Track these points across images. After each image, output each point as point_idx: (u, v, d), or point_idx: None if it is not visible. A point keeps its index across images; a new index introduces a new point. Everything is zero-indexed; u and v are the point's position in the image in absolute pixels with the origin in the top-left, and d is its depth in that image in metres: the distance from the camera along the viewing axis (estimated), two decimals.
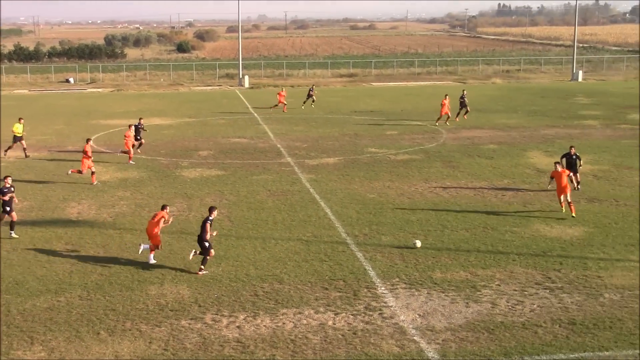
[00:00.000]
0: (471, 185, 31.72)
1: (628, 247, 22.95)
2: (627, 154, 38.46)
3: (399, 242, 23.68)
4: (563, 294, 19.12)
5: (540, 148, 40.31)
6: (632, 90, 71.29)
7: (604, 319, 17.52)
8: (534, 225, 25.45)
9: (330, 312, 18.03)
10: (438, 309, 18.17)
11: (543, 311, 18.00)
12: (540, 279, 20.25)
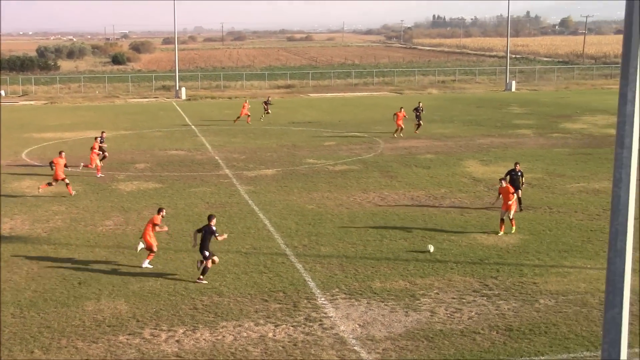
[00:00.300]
0: (409, 194, 32.00)
1: (562, 254, 23.41)
2: (559, 162, 39.31)
3: (338, 252, 23.73)
4: (500, 301, 19.39)
5: (476, 157, 40.93)
6: (563, 100, 73.01)
7: (540, 324, 17.83)
8: (471, 234, 25.78)
9: (270, 324, 17.95)
10: (378, 319, 18.24)
11: (481, 318, 18.23)
12: (478, 287, 20.51)
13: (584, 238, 25.19)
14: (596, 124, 54.38)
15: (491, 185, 33.53)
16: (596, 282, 20.61)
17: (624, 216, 7.96)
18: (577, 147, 43.99)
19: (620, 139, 7.90)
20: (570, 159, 40.19)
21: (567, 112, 61.93)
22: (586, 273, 21.57)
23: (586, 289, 20.23)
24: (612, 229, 8.08)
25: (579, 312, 18.58)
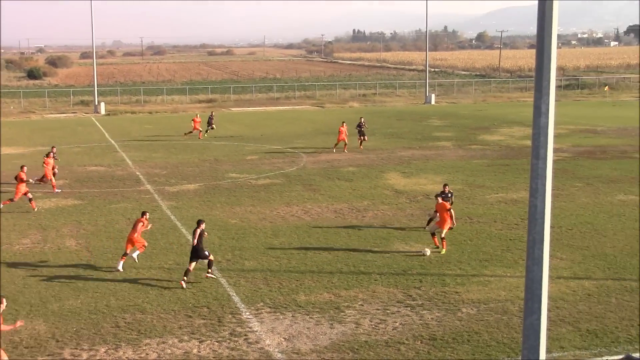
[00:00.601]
0: (332, 207, 32.16)
1: (482, 263, 23.87)
2: (478, 173, 40.11)
3: (262, 266, 23.66)
4: (424, 311, 19.64)
5: (398, 169, 41.43)
6: (481, 113, 74.61)
7: (462, 332, 18.12)
8: (394, 245, 26.06)
9: (194, 340, 17.76)
10: (303, 332, 18.25)
11: (405, 328, 18.42)
12: (402, 297, 20.72)
13: (503, 247, 25.74)
14: (513, 136, 55.74)
15: (413, 197, 34.00)
16: (516, 289, 21.07)
17: (540, 225, 8.18)
18: (495, 159, 44.98)
19: (535, 150, 8.13)
20: (489, 170, 41.06)
21: (485, 124, 63.30)
22: (506, 281, 22.03)
23: (506, 297, 20.66)
24: (530, 237, 8.30)
25: (500, 320, 18.96)
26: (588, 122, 63.65)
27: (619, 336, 17.85)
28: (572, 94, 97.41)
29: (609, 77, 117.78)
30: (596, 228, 28.20)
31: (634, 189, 35.26)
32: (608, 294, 20.88)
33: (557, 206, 30.87)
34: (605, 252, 24.93)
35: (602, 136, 55.23)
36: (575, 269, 23.18)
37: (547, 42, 7.98)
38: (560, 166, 40.79)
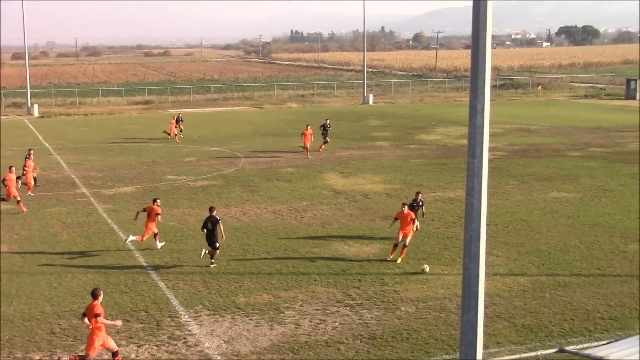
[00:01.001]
0: (271, 208, 32.09)
1: (421, 261, 24.06)
2: (416, 172, 40.48)
3: (201, 268, 23.47)
4: (363, 310, 19.72)
5: (336, 169, 41.56)
6: (418, 112, 75.36)
7: (402, 331, 18.26)
8: (333, 245, 26.12)
9: (132, 345, 17.51)
10: (243, 334, 18.15)
11: (345, 328, 18.47)
12: (341, 297, 20.78)
13: (441, 245, 26.03)
14: (450, 135, 56.43)
15: (351, 197, 34.14)
16: (453, 287, 21.32)
17: (477, 223, 8.28)
18: (432, 158, 45.47)
19: (471, 149, 8.22)
20: (427, 169, 41.47)
21: (422, 124, 63.95)
22: (444, 279, 22.28)
23: (444, 295, 20.89)
24: (466, 235, 8.39)
25: (438, 317, 19.16)
26: (522, 121, 64.82)
27: (552, 330, 18.22)
28: (506, 94, 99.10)
29: (541, 77, 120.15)
30: (531, 225, 28.72)
31: (566, 186, 36.02)
32: (542, 289, 21.29)
33: (493, 204, 31.36)
34: (540, 249, 25.41)
35: (535, 135, 56.29)
36: (510, 266, 23.57)
37: (482, 42, 8.08)
38: (496, 165, 41.44)
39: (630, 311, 19.54)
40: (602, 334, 17.75)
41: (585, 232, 27.42)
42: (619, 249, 25.39)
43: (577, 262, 23.89)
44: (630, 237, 26.80)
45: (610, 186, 35.81)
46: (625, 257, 24.37)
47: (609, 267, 23.37)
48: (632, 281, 21.97)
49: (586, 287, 21.51)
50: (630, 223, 28.85)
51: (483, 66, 8.10)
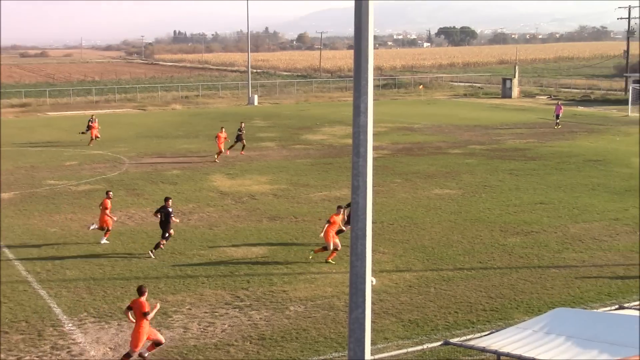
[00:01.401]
0: None
1: (309, 261, 24.20)
2: (302, 172, 40.70)
3: (85, 275, 22.86)
4: (252, 311, 19.68)
5: (222, 171, 41.29)
6: (303, 112, 75.80)
7: (291, 330, 18.32)
8: (220, 247, 25.94)
9: (12, 358, 16.87)
10: (129, 340, 17.77)
11: (234, 330, 18.38)
12: (230, 299, 20.67)
13: None
14: (335, 135, 57.01)
15: (238, 198, 34.00)
16: (341, 285, 21.55)
17: (362, 221, 8.39)
18: (318, 158, 45.82)
19: (356, 149, 8.32)
20: (313, 169, 41.76)
21: (307, 124, 64.36)
22: (332, 277, 22.49)
23: (333, 293, 21.09)
24: (353, 234, 8.48)
25: (327, 316, 19.33)
26: (405, 120, 66.18)
27: (438, 324, 18.68)
28: (389, 93, 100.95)
29: (423, 77, 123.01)
30: (415, 222, 29.36)
31: (448, 183, 37.01)
32: (427, 284, 21.80)
33: (378, 202, 31.88)
34: (424, 245, 26.01)
35: (418, 133, 57.57)
36: (396, 262, 24.03)
37: (364, 43, 8.19)
38: (381, 163, 42.14)
39: (509, 302, 20.26)
40: (484, 325, 18.33)
41: (467, 227, 28.24)
42: (498, 242, 26.28)
43: (460, 257, 24.58)
44: (509, 231, 27.79)
45: (489, 182, 37.02)
46: (504, 250, 25.25)
47: (489, 260, 24.16)
48: (511, 273, 22.79)
49: (469, 280, 22.17)
50: (509, 217, 29.91)
51: (366, 66, 8.21)
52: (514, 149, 48.55)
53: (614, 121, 65.55)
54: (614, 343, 11.55)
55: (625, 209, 31.16)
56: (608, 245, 25.69)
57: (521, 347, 12.50)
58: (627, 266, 23.43)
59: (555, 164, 42.25)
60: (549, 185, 36.12)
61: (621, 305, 16.82)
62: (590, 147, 48.61)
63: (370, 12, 8.20)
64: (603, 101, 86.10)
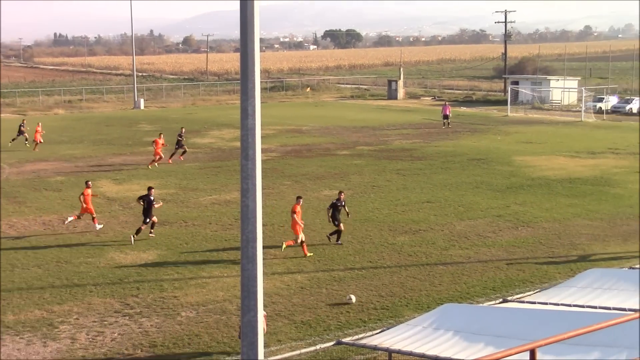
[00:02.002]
0: (40, 220, 30.60)
1: (199, 265, 24.00)
2: (191, 176, 40.28)
3: None
4: (142, 319, 19.33)
5: (109, 176, 40.38)
6: (191, 116, 75.04)
7: (183, 336, 18.10)
8: (108, 254, 25.37)
9: None
10: (13, 354, 17.16)
11: (124, 338, 18.01)
12: (119, 307, 20.24)
13: (219, 248, 26.10)
14: (223, 138, 56.70)
15: (126, 203, 33.34)
16: (233, 289, 21.44)
17: (253, 224, 8.36)
18: (207, 161, 45.45)
19: (244, 151, 8.28)
20: (202, 172, 41.39)
21: (195, 128, 63.68)
22: (224, 281, 22.36)
23: (224, 297, 20.96)
24: (244, 237, 8.44)
25: (219, 320, 19.20)
26: (293, 122, 66.48)
27: (330, 324, 18.85)
28: (277, 96, 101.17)
29: (310, 79, 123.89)
30: (306, 223, 29.45)
31: (338, 184, 37.39)
32: (319, 285, 21.97)
33: (269, 204, 31.89)
34: (315, 245, 26.18)
35: (307, 135, 57.94)
36: (288, 264, 24.10)
37: (250, 45, 8.17)
38: (270, 165, 42.19)
39: (399, 299, 20.65)
40: (375, 324, 18.61)
41: (357, 227, 28.61)
42: (388, 241, 26.75)
43: (350, 257, 24.88)
44: (398, 230, 28.33)
45: (377, 182, 37.64)
46: (394, 249, 25.72)
47: (379, 260, 24.56)
48: (400, 271, 23.24)
49: (360, 280, 22.46)
50: (397, 216, 30.49)
51: (252, 69, 8.19)
52: (401, 149, 49.54)
53: (495, 121, 67.83)
54: (500, 335, 11.95)
55: (507, 205, 32.29)
56: (492, 241, 26.56)
57: (412, 344, 12.76)
58: (510, 261, 24.30)
59: (440, 163, 43.35)
60: (435, 184, 37.03)
61: (505, 299, 17.42)
62: (474, 147, 50.12)
63: (255, 15, 8.18)
64: (484, 102, 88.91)
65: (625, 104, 75.59)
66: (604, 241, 26.55)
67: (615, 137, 54.90)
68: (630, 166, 41.66)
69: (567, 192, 34.87)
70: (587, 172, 39.68)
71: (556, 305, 14.15)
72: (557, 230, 28.13)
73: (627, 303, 13.28)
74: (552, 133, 57.98)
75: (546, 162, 43.29)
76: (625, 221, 29.38)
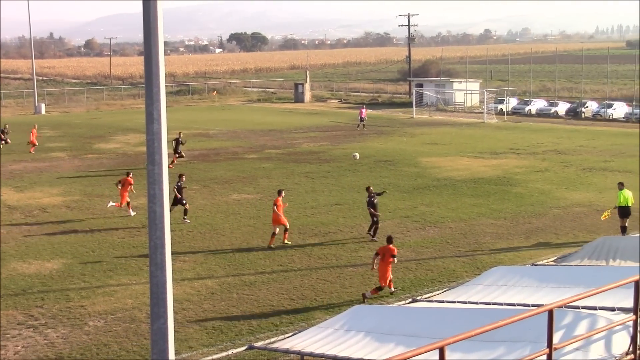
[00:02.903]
0: None
1: (107, 273, 23.51)
2: (96, 182, 39.44)
3: None
4: (48, 330, 18.80)
5: (9, 184, 39.11)
6: (95, 121, 73.53)
7: (91, 347, 17.69)
8: (10, 264, 24.57)
9: None
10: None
11: (28, 351, 17.48)
12: (23, 319, 19.62)
13: (126, 255, 25.62)
14: (129, 143, 55.73)
15: (28, 212, 32.37)
16: (142, 296, 21.08)
17: (160, 230, 8.24)
18: (112, 167, 44.56)
19: (150, 157, 8.15)
20: (107, 179, 40.47)
21: (100, 133, 62.45)
22: (132, 289, 21.96)
23: (133, 305, 20.59)
24: (152, 243, 8.31)
25: (129, 328, 18.85)
26: (200, 126, 65.91)
27: (242, 329, 18.76)
28: (183, 100, 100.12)
29: (216, 83, 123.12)
30: (215, 228, 29.31)
31: (246, 188, 37.28)
32: (230, 290, 21.83)
33: (177, 209, 31.49)
34: (225, 250, 26.03)
35: (214, 139, 57.53)
36: (198, 270, 23.86)
37: (154, 49, 8.05)
38: (177, 170, 41.64)
39: (311, 302, 20.71)
40: (287, 327, 18.61)
41: (266, 231, 28.52)
42: (297, 244, 26.80)
43: (260, 261, 24.82)
44: (308, 233, 28.41)
45: (286, 185, 37.62)
46: (304, 252, 25.79)
47: (290, 263, 24.58)
48: (311, 274, 23.31)
49: (270, 283, 22.43)
50: (306, 219, 30.59)
51: (157, 72, 8.08)
52: (309, 152, 49.74)
53: (400, 123, 68.86)
54: (410, 334, 12.11)
55: (414, 206, 32.83)
56: (400, 242, 26.90)
57: (323, 346, 12.81)
58: (418, 261, 24.69)
59: (348, 165, 43.72)
60: (343, 187, 37.32)
61: (414, 299, 17.68)
62: (380, 149, 50.76)
63: (159, 17, 8.07)
64: (390, 104, 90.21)
65: (524, 106, 77.99)
66: (508, 239, 27.29)
67: (516, 137, 56.55)
68: (531, 166, 42.99)
69: (471, 192, 35.70)
70: (491, 172, 40.72)
71: (464, 303, 14.44)
72: (463, 229, 28.75)
73: (530, 299, 13.66)
74: (456, 134, 59.28)
75: (451, 163, 44.22)
76: (527, 219, 30.28)
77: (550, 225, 29.28)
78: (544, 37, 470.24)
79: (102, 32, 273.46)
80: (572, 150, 49.14)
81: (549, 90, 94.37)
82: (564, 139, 55.09)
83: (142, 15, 8.11)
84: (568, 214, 31.14)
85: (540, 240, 27.07)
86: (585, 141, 53.81)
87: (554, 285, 14.14)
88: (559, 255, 20.56)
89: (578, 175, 39.99)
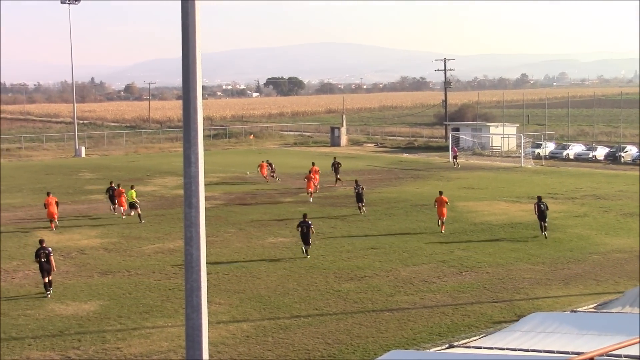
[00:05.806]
0: None
1: (143, 315, 23.57)
2: (134, 224, 39.71)
3: None
4: None
5: (49, 226, 39.55)
6: (133, 164, 74.37)
7: None
8: (48, 306, 24.76)
9: None
10: None
11: None
12: None
13: (163, 297, 25.69)
14: (166, 186, 56.23)
15: (67, 253, 32.69)
16: (178, 339, 21.08)
17: (197, 273, 8.26)
18: (150, 209, 44.89)
19: (188, 199, 8.22)
20: (145, 221, 40.82)
21: (138, 175, 63.09)
22: (168, 331, 21.97)
23: (169, 347, 20.58)
24: (188, 285, 8.33)
25: None
26: (237, 170, 66.32)
27: None
28: (220, 143, 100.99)
29: (253, 126, 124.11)
30: (250, 271, 29.31)
31: (282, 231, 37.29)
32: (265, 333, 21.74)
33: (213, 252, 31.61)
34: (260, 294, 25.98)
35: (250, 183, 57.81)
36: (233, 313, 23.83)
37: (193, 93, 8.16)
38: (214, 213, 41.89)
39: (346, 347, 20.53)
40: None
41: (302, 275, 28.49)
42: (333, 288, 26.66)
43: (296, 304, 24.71)
44: (343, 277, 28.28)
45: (322, 229, 37.57)
46: (339, 296, 25.64)
47: (325, 307, 24.44)
48: (346, 318, 23.14)
49: (306, 327, 22.30)
50: (342, 263, 30.46)
51: (195, 116, 8.17)
52: (345, 195, 49.72)
53: (437, 167, 68.67)
54: None
55: (451, 250, 32.56)
56: (437, 286, 26.67)
57: None
58: (455, 306, 24.41)
59: (384, 209, 43.60)
60: (379, 231, 37.19)
61: (451, 344, 17.44)
62: (417, 193, 50.58)
63: (198, 63, 8.19)
64: (426, 148, 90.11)
65: (562, 150, 77.39)
66: (546, 285, 26.90)
67: (554, 182, 56.03)
68: (569, 211, 42.49)
69: (509, 237, 35.35)
70: (528, 217, 40.28)
71: (501, 350, 14.21)
72: (501, 274, 28.42)
73: (570, 346, 13.40)
74: (493, 178, 58.93)
75: (488, 207, 43.89)
76: (566, 265, 29.85)
77: (590, 271, 28.83)
78: (582, 81, 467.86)
79: (141, 76, 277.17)
80: (612, 195, 48.51)
81: (587, 134, 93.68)
82: (603, 184, 54.46)
83: (180, 60, 8.24)
84: (608, 260, 30.65)
85: (579, 286, 26.64)
86: (625, 186, 53.10)
87: (594, 333, 13.87)
88: (599, 302, 20.21)
89: (618, 220, 39.43)
